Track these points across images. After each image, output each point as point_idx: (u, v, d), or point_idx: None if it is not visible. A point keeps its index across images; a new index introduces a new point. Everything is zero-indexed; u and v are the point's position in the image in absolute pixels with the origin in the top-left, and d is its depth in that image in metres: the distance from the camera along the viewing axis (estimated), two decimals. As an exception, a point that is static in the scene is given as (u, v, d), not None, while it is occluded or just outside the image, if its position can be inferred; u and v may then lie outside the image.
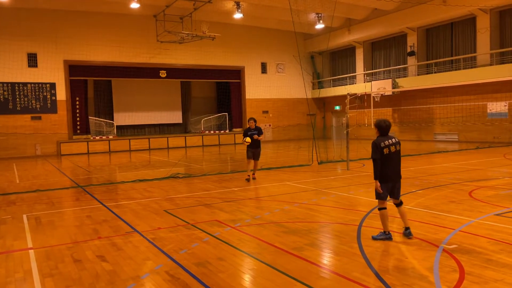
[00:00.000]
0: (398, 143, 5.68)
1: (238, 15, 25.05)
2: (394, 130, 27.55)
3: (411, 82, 25.02)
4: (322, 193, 9.27)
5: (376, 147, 5.54)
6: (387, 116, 27.64)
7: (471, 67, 22.47)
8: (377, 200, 5.71)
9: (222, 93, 31.70)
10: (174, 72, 28.11)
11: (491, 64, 21.63)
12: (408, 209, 7.35)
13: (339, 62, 32.66)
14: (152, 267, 4.86)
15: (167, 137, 27.25)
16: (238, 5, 24.37)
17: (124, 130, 28.65)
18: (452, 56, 24.04)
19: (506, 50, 21.18)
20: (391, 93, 25.95)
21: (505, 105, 21.37)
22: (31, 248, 5.78)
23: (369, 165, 13.89)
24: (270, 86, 31.39)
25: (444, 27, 24.78)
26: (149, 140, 26.53)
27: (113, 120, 27.30)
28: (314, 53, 32.95)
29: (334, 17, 25.86)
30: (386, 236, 5.55)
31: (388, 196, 5.67)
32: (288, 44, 30.72)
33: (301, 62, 31.52)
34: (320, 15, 27.07)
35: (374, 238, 5.59)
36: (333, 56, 33.11)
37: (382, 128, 5.64)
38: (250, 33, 29.91)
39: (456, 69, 23.29)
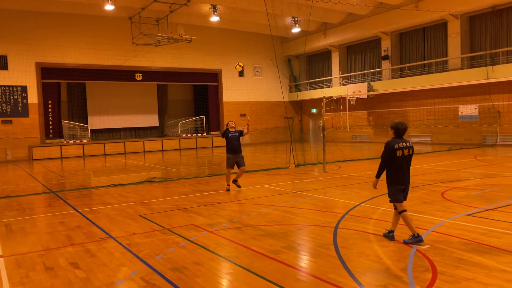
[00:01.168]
0: (412, 147, 5.59)
1: (215, 18, 25.02)
2: (369, 133, 28.03)
3: (386, 86, 25.52)
4: (299, 196, 9.32)
5: (389, 149, 5.47)
6: (362, 119, 28.11)
7: (443, 71, 23.08)
8: (394, 204, 5.58)
9: (199, 96, 31.54)
10: (150, 75, 27.82)
11: (462, 68, 22.28)
12: (383, 210, 7.47)
13: (315, 65, 33.01)
14: (127, 273, 4.77)
15: (143, 141, 26.90)
16: (214, 8, 24.34)
17: (99, 134, 28.13)
18: (424, 60, 24.64)
19: (476, 54, 21.85)
20: (366, 96, 26.38)
21: (475, 108, 22.02)
22: (1, 256, 5.59)
23: (345, 167, 14.06)
24: (248, 89, 31.44)
25: (416, 31, 25.39)
26: (124, 144, 26.13)
27: (87, 124, 26.78)
28: (291, 57, 33.22)
29: (310, 21, 26.16)
30: (416, 239, 5.37)
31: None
32: (265, 47, 30.88)
33: (278, 65, 31.69)
34: (296, 19, 27.32)
35: (405, 242, 5.42)
36: (310, 59, 33.44)
37: (399, 130, 5.54)
38: (227, 36, 29.90)
39: (428, 73, 23.89)
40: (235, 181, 10.35)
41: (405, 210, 5.50)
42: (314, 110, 31.83)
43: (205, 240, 6.01)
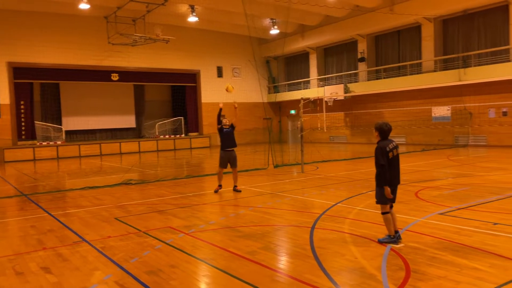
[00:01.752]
0: (397, 147, 5.59)
1: (193, 19, 24.88)
2: (346, 134, 28.37)
3: (362, 87, 25.90)
4: (277, 196, 9.35)
5: (382, 152, 5.38)
6: (339, 120, 28.43)
7: (417, 73, 23.58)
8: (378, 205, 5.58)
9: (177, 97, 31.28)
10: (126, 75, 27.44)
11: (435, 70, 22.80)
12: (359, 210, 7.57)
13: (293, 67, 33.22)
14: (101, 277, 4.68)
15: (120, 142, 26.49)
16: (192, 8, 24.20)
17: (74, 135, 27.54)
18: (399, 63, 25.12)
19: (449, 57, 22.41)
20: (343, 98, 26.69)
21: (448, 109, 22.58)
22: (-32, 262, 5.40)
23: (322, 168, 14.19)
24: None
25: (391, 34, 25.86)
26: (100, 145, 25.68)
27: (61, 125, 26.19)
28: (269, 58, 33.33)
29: (288, 23, 26.32)
30: (391, 239, 5.44)
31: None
32: (244, 48, 30.89)
33: (257, 66, 31.78)
34: (274, 20, 27.44)
35: (380, 241, 5.49)
36: (288, 61, 33.63)
37: (384, 132, 5.50)
38: (205, 36, 29.77)
39: (403, 75, 24.37)
40: (235, 187, 10.20)
41: (388, 212, 5.54)
42: (292, 111, 32.02)
43: (182, 242, 5.95)
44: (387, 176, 5.40)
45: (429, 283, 4.15)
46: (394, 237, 5.46)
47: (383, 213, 5.56)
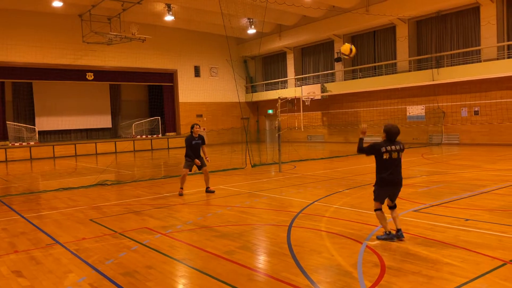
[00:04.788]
0: (402, 150, 5.58)
1: (169, 18, 24.65)
2: (323, 133, 28.64)
3: (339, 87, 26.20)
4: (255, 196, 9.36)
5: (373, 148, 5.48)
6: (317, 119, 28.67)
7: (392, 73, 24.01)
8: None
9: (154, 97, 30.94)
10: (102, 74, 26.96)
11: (409, 71, 23.28)
12: (335, 208, 7.66)
13: (271, 66, 33.31)
14: (75, 280, 4.58)
15: (95, 143, 26.01)
16: (169, 7, 23.98)
17: (48, 136, 26.90)
18: (375, 63, 25.52)
19: (423, 57, 22.91)
20: (320, 97, 26.94)
21: (422, 109, 23.07)
22: None
23: (300, 167, 14.28)
24: (204, 90, 31.20)
25: (367, 35, 26.24)
26: (75, 146, 25.16)
27: (34, 125, 25.54)
28: (247, 58, 33.32)
29: (265, 23, 26.35)
30: (387, 236, 5.51)
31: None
32: (221, 48, 30.76)
33: (234, 66, 31.71)
34: (251, 20, 27.44)
35: (378, 238, 5.57)
36: (266, 60, 33.71)
37: (391, 133, 5.54)
38: (182, 36, 29.54)
39: (378, 75, 24.77)
40: (207, 189, 9.98)
41: (379, 210, 5.62)
42: (270, 111, 32.11)
43: (158, 243, 5.89)
44: (361, 148, 5.57)
45: (403, 279, 4.23)
46: (390, 234, 5.51)
47: (375, 210, 5.67)
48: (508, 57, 19.82)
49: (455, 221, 6.37)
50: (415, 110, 23.37)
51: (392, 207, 5.71)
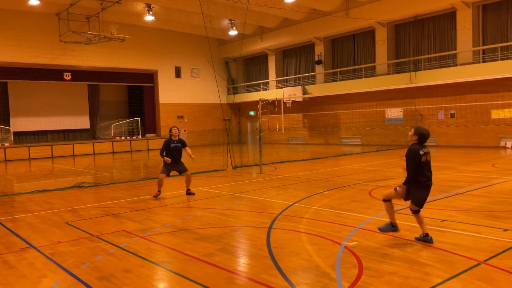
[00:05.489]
0: (429, 152, 5.59)
1: (149, 18, 24.43)
2: (304, 135, 28.80)
3: (319, 89, 26.40)
4: (235, 198, 9.33)
5: (416, 156, 5.41)
6: (298, 121, 28.83)
7: (371, 76, 24.34)
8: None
9: (134, 97, 30.60)
10: (80, 74, 26.52)
11: (388, 74, 23.64)
12: (315, 209, 7.70)
13: (252, 68, 33.35)
14: (49, 285, 4.48)
15: (73, 144, 25.53)
16: (149, 7, 23.76)
17: (23, 137, 26.27)
18: (354, 65, 25.82)
19: (401, 60, 23.30)
20: (301, 99, 27.08)
21: (400, 111, 23.46)
22: None
23: (281, 168, 14.32)
24: (185, 91, 31.00)
25: (347, 38, 26.55)
26: (52, 147, 24.63)
27: (9, 126, 24.91)
28: (228, 59, 33.27)
29: (246, 25, 26.36)
30: (392, 227, 5.64)
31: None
32: (202, 48, 30.61)
33: (216, 67, 31.63)
34: (233, 21, 27.42)
35: (379, 229, 5.68)
36: (247, 62, 33.73)
37: (424, 137, 5.48)
38: (163, 36, 29.29)
39: (358, 78, 25.08)
40: (188, 191, 9.80)
41: (389, 200, 5.71)
42: (251, 113, 32.11)
43: (136, 246, 5.80)
44: (414, 176, 5.51)
45: (380, 280, 4.28)
46: (395, 226, 5.61)
47: (383, 200, 5.79)
48: (483, 61, 20.35)
49: (431, 222, 6.48)
50: (394, 112, 23.74)
51: (417, 211, 5.63)
